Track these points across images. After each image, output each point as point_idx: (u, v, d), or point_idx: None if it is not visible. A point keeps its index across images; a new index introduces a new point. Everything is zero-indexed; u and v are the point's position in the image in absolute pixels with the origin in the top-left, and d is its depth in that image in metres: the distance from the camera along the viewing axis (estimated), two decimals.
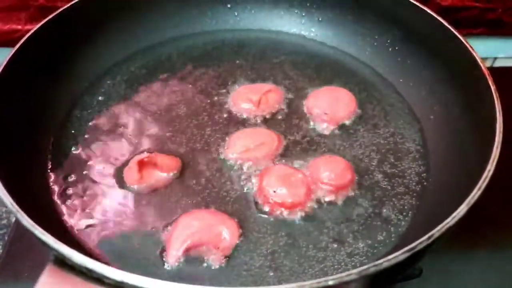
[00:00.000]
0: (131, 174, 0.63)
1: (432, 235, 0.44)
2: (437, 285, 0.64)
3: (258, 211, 0.61)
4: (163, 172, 0.64)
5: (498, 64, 1.16)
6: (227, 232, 0.56)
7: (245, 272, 0.55)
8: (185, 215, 0.59)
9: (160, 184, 0.63)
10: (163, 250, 0.56)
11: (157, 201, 0.62)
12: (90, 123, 0.72)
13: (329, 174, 0.62)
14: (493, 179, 0.51)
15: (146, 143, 0.69)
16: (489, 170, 0.50)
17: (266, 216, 0.60)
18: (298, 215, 0.60)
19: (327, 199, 0.62)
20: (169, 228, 0.58)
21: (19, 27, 0.96)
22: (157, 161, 0.63)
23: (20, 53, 0.65)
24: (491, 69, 0.62)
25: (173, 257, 0.55)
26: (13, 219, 0.75)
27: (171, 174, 0.64)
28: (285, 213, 0.60)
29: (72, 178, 0.64)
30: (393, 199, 0.63)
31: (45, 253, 0.46)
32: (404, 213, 0.61)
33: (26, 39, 0.67)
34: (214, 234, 0.56)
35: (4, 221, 0.76)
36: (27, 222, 0.45)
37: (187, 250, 0.55)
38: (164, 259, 0.55)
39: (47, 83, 0.71)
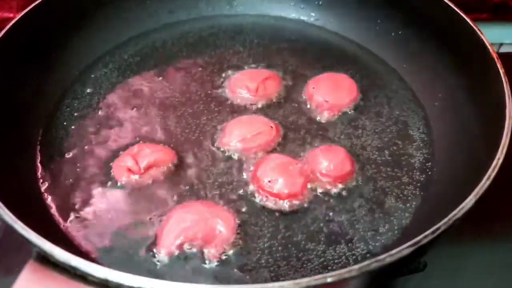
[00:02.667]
0: (121, 169, 0.60)
1: (438, 228, 0.41)
2: (442, 279, 0.62)
3: (255, 202, 0.58)
4: (157, 167, 0.61)
5: (503, 50, 1.13)
6: (222, 226, 0.54)
7: (241, 267, 0.52)
8: (179, 208, 0.56)
9: (153, 177, 0.60)
10: (155, 244, 0.54)
11: (149, 194, 0.59)
12: (80, 113, 0.69)
13: (327, 165, 0.59)
14: (500, 169, 0.48)
15: (139, 133, 0.66)
16: (498, 159, 0.48)
17: (263, 207, 0.58)
18: (296, 206, 0.58)
19: (327, 190, 0.59)
20: (161, 220, 0.56)
21: (11, 15, 0.93)
22: (150, 161, 0.60)
23: (5, 41, 0.63)
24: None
25: (164, 253, 0.52)
26: None
27: (165, 166, 0.62)
28: (284, 204, 0.58)
29: (62, 170, 0.62)
30: (396, 189, 0.61)
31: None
32: (408, 204, 0.59)
33: (12, 26, 0.64)
34: (208, 228, 0.53)
35: None
36: (8, 216, 0.43)
37: (179, 246, 0.52)
38: (155, 253, 0.53)
39: (36, 72, 0.69)
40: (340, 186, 0.60)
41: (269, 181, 0.58)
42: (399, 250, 0.40)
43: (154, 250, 0.53)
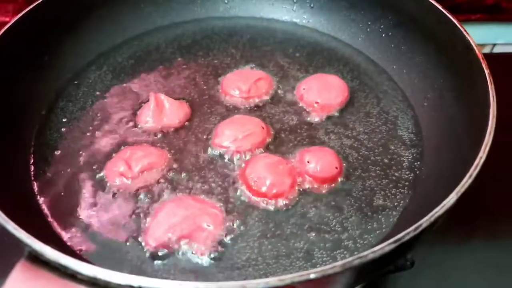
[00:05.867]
0: (114, 173, 0.61)
1: (419, 226, 0.42)
2: (430, 277, 0.63)
3: (245, 201, 0.59)
4: (150, 169, 0.62)
5: (497, 50, 1.14)
6: (210, 223, 0.54)
7: (231, 265, 0.53)
8: (170, 201, 0.57)
9: (145, 179, 0.61)
10: (143, 234, 0.55)
11: (141, 196, 0.59)
12: (74, 115, 0.70)
13: (316, 166, 0.60)
14: (488, 168, 0.49)
15: (132, 135, 0.67)
16: (480, 157, 0.48)
17: (252, 206, 0.58)
18: (286, 205, 0.59)
19: (315, 189, 0.60)
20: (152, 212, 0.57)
21: (7, 19, 0.94)
22: (144, 165, 0.61)
23: (0, 44, 0.63)
24: (490, 56, 0.60)
25: (152, 244, 0.53)
26: None
27: (158, 168, 0.62)
28: (273, 203, 0.58)
29: (55, 172, 0.62)
30: (385, 188, 0.61)
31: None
32: (396, 203, 0.60)
33: (7, 29, 0.65)
34: (196, 225, 0.54)
35: None
36: (0, 216, 0.44)
37: (168, 241, 0.53)
38: (143, 245, 0.54)
39: (30, 74, 0.69)
40: (329, 185, 0.61)
41: (257, 180, 0.59)
42: (382, 247, 0.40)
43: (142, 242, 0.54)
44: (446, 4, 0.70)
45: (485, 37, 1.10)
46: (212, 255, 0.54)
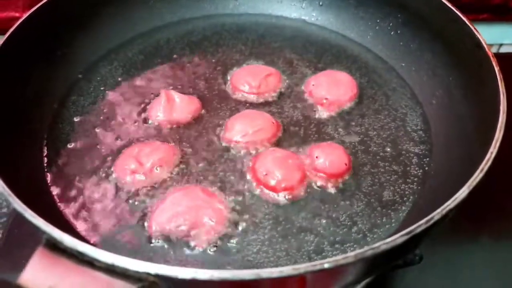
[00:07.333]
0: (125, 171, 0.61)
1: (431, 218, 0.43)
2: (438, 272, 0.63)
3: (256, 195, 0.60)
4: (160, 165, 0.62)
5: (503, 50, 1.14)
6: (213, 218, 0.55)
7: (242, 257, 0.54)
8: (178, 189, 0.58)
9: (154, 173, 0.61)
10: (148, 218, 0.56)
11: (150, 189, 0.60)
12: (86, 110, 0.71)
13: (325, 161, 0.61)
14: (497, 165, 0.49)
15: (142, 130, 0.68)
16: (491, 153, 0.49)
17: (262, 200, 0.59)
18: (296, 199, 0.59)
19: (325, 184, 0.61)
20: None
21: (17, 14, 0.95)
22: (154, 160, 0.61)
23: (13, 39, 0.64)
24: (497, 55, 0.60)
25: (155, 229, 0.54)
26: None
27: (168, 163, 0.63)
28: (283, 197, 0.59)
29: (67, 164, 0.63)
30: (394, 184, 0.62)
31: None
32: (405, 198, 0.60)
33: (19, 24, 0.66)
34: (199, 218, 0.54)
35: (5, 210, 0.76)
36: (18, 205, 0.44)
37: (171, 230, 0.54)
38: (146, 228, 0.56)
39: (42, 69, 0.70)
40: (338, 181, 0.61)
41: (266, 174, 0.59)
42: (394, 239, 0.41)
43: (145, 224, 0.56)
44: (453, 3, 0.70)
45: (492, 37, 1.10)
46: (225, 247, 0.54)
